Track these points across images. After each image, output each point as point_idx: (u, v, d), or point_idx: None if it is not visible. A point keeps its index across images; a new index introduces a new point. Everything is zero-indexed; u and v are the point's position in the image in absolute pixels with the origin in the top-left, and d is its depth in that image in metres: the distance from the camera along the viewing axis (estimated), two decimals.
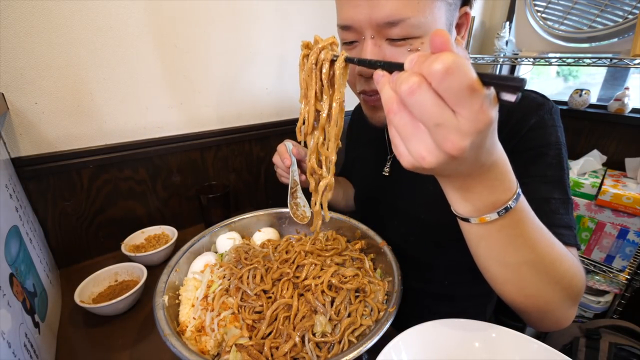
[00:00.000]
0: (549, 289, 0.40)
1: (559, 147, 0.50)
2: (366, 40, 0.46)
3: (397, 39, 0.45)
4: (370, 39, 0.46)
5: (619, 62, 1.06)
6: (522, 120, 0.50)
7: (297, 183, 0.70)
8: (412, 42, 0.45)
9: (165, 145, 0.91)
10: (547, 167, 0.49)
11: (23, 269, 0.53)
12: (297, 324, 0.47)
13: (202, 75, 0.93)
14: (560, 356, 0.38)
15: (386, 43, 0.46)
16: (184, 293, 0.56)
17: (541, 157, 0.50)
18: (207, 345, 0.47)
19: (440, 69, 0.24)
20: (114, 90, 0.80)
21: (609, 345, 0.87)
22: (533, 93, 0.54)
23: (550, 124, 0.51)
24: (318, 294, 0.51)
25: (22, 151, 0.72)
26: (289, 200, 0.68)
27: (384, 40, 0.46)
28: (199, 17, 0.88)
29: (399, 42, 0.45)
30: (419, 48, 0.45)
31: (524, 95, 0.52)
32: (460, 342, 0.43)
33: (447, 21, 0.46)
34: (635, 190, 1.10)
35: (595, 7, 1.09)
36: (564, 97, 1.44)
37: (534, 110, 0.51)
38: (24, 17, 0.66)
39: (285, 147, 0.69)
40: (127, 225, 0.86)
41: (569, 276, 0.41)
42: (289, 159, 0.68)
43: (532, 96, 0.53)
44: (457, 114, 0.25)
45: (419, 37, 0.44)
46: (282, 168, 0.70)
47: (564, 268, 0.40)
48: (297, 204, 0.70)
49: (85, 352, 0.58)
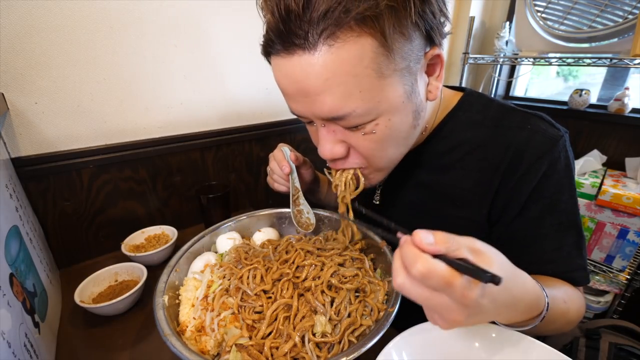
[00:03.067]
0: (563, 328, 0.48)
1: (572, 188, 0.50)
2: (319, 128, 0.46)
3: (349, 127, 0.43)
4: (322, 127, 0.45)
5: (619, 62, 1.06)
6: (535, 164, 0.47)
7: (299, 190, 0.69)
8: (364, 127, 0.43)
9: (165, 145, 0.91)
10: (563, 214, 0.49)
11: (23, 269, 0.53)
12: (297, 324, 0.47)
13: (202, 75, 0.93)
14: (560, 356, 0.38)
15: (340, 127, 0.44)
16: (184, 293, 0.56)
17: (557, 204, 0.49)
18: (207, 345, 0.47)
19: (418, 273, 0.28)
20: (114, 90, 0.80)
21: (609, 345, 0.87)
22: (542, 123, 0.49)
23: (564, 165, 0.48)
24: (318, 294, 0.51)
25: (22, 151, 0.72)
26: (292, 208, 0.67)
27: (337, 125, 0.44)
28: (199, 17, 0.88)
29: (352, 128, 0.43)
30: (374, 131, 0.43)
31: (534, 129, 0.49)
32: (460, 342, 0.43)
33: (404, 89, 0.42)
34: (635, 190, 1.10)
35: (595, 7, 1.09)
36: (564, 97, 1.44)
37: (548, 150, 0.47)
38: (24, 17, 0.66)
39: (282, 153, 0.66)
40: (127, 225, 0.86)
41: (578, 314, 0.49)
42: (288, 166, 0.65)
43: (542, 129, 0.49)
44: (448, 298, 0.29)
45: (373, 121, 0.42)
46: (280, 175, 0.66)
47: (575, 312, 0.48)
48: (300, 212, 0.69)
49: (85, 352, 0.58)
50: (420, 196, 0.58)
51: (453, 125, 0.54)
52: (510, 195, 0.49)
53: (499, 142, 0.50)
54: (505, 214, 0.51)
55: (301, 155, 0.69)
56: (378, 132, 0.43)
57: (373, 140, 0.44)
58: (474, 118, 0.53)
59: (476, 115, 0.53)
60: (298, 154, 0.68)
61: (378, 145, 0.45)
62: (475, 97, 0.55)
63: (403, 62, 0.39)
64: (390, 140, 0.45)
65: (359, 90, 0.39)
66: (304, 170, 0.71)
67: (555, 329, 0.47)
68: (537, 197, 0.48)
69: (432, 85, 0.46)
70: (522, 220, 0.50)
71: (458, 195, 0.54)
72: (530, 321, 0.40)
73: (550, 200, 0.49)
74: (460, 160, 0.53)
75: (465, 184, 0.53)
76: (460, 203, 0.53)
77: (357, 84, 0.38)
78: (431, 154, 0.56)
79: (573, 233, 0.50)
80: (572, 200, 0.50)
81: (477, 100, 0.55)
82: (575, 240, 0.50)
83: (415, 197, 0.59)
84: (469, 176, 0.52)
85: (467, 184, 0.52)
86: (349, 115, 0.40)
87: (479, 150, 0.51)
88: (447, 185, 0.54)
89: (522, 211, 0.50)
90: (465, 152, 0.53)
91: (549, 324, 0.43)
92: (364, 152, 0.46)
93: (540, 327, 0.41)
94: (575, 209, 0.50)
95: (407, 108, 0.43)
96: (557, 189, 0.48)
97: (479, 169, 0.51)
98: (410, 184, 0.59)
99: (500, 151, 0.49)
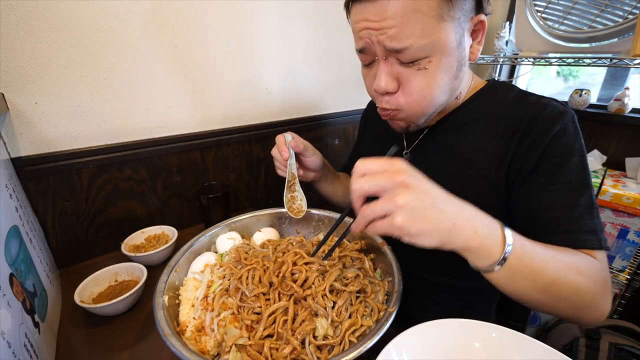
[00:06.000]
0: (577, 298, 0.45)
1: (582, 153, 0.52)
2: (379, 62, 0.52)
3: (406, 62, 0.50)
4: (383, 60, 0.51)
5: (619, 62, 1.06)
6: (547, 127, 0.52)
7: (295, 176, 0.70)
8: (420, 62, 0.49)
9: (165, 145, 0.91)
10: (572, 174, 0.51)
11: (23, 269, 0.53)
12: (296, 328, 0.47)
13: (202, 76, 0.93)
14: (560, 356, 0.38)
15: (397, 63, 0.51)
16: (184, 293, 0.56)
17: (566, 164, 0.51)
18: (207, 345, 0.47)
19: (359, 167, 0.41)
20: (114, 90, 0.80)
21: (609, 345, 0.88)
22: (554, 101, 0.56)
23: (573, 132, 0.53)
24: (319, 298, 0.50)
25: (22, 151, 0.72)
26: (285, 193, 0.68)
27: (396, 60, 0.50)
28: (199, 17, 0.88)
29: (408, 64, 0.50)
30: (427, 67, 0.50)
31: (547, 103, 0.55)
32: (460, 342, 0.43)
33: (455, 36, 0.49)
34: (635, 190, 1.10)
35: (595, 7, 1.08)
36: (564, 97, 1.44)
37: (557, 118, 0.53)
38: (24, 17, 0.66)
39: (284, 138, 0.69)
40: (127, 225, 0.86)
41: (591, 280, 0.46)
42: (287, 151, 0.67)
43: (553, 104, 0.55)
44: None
45: (427, 57, 0.49)
46: (280, 161, 0.70)
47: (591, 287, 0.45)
48: (293, 197, 0.69)
49: (85, 352, 0.58)
50: (443, 159, 0.63)
51: (479, 102, 0.62)
52: (524, 156, 0.54)
53: (517, 114, 0.56)
54: (520, 174, 0.55)
55: (307, 142, 0.72)
56: (429, 68, 0.50)
57: (424, 76, 0.51)
58: (498, 98, 0.61)
59: (500, 96, 0.61)
60: (301, 141, 0.70)
61: (426, 82, 0.51)
62: (499, 83, 0.64)
63: (458, 12, 0.48)
64: (438, 78, 0.52)
65: (421, 28, 0.46)
66: (308, 157, 0.73)
67: (569, 305, 0.46)
68: (547, 156, 0.52)
69: (474, 48, 0.54)
70: (533, 179, 0.53)
71: (480, 158, 0.59)
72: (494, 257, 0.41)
73: (559, 160, 0.52)
74: (483, 128, 0.59)
75: (487, 147, 0.58)
76: (481, 165, 0.59)
77: (421, 22, 0.46)
78: (458, 121, 0.62)
79: (584, 195, 0.51)
80: (582, 165, 0.52)
81: (501, 85, 0.63)
82: (587, 203, 0.50)
83: (439, 160, 0.63)
84: (490, 141, 0.58)
85: (488, 148, 0.58)
86: (409, 48, 0.47)
87: (500, 122, 0.58)
88: (470, 149, 0.60)
89: (534, 170, 0.53)
90: (489, 122, 0.59)
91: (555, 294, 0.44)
92: (413, 87, 0.52)
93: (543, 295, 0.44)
94: (586, 173, 0.52)
95: (454, 54, 0.51)
96: (566, 150, 0.52)
97: (500, 135, 0.57)
98: (435, 147, 0.65)
99: (517, 121, 0.56)
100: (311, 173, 0.77)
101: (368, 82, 0.58)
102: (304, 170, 0.75)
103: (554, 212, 0.51)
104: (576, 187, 0.51)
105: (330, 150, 1.32)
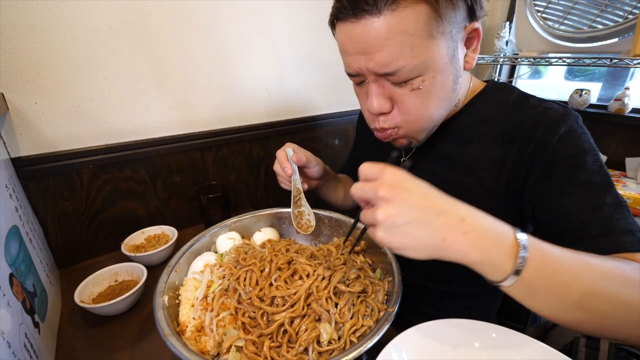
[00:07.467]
0: (624, 312, 0.36)
1: (595, 152, 0.49)
2: (370, 84, 0.50)
3: (398, 82, 0.48)
4: (373, 82, 0.50)
5: (619, 62, 1.06)
6: (550, 130, 0.50)
7: (301, 191, 0.69)
8: (413, 82, 0.48)
9: (165, 145, 0.91)
10: (590, 173, 0.48)
11: (23, 269, 0.53)
12: (300, 337, 0.46)
13: (202, 76, 0.93)
14: (560, 356, 0.38)
15: (389, 83, 0.49)
16: (183, 293, 0.56)
17: (580, 164, 0.48)
18: (206, 346, 0.47)
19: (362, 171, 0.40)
20: (113, 90, 0.80)
21: (609, 345, 0.87)
22: (555, 104, 0.54)
23: (580, 132, 0.50)
24: (323, 301, 0.49)
25: (22, 151, 0.72)
26: (292, 209, 0.67)
27: (387, 81, 0.49)
28: (199, 17, 0.88)
29: (401, 84, 0.49)
30: (420, 87, 0.48)
31: (548, 106, 0.53)
32: (460, 342, 0.43)
33: (447, 51, 0.47)
34: (635, 190, 1.10)
35: (595, 7, 1.08)
36: (564, 97, 1.44)
37: (561, 120, 0.50)
38: (24, 17, 0.66)
39: (285, 154, 0.67)
40: (127, 225, 0.86)
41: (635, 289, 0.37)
42: (290, 167, 0.66)
43: (554, 107, 0.53)
44: None
45: (419, 76, 0.47)
46: (284, 177, 0.69)
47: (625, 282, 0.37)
48: (301, 213, 0.69)
49: (85, 352, 0.58)
50: (443, 167, 0.62)
51: (479, 106, 0.60)
52: (529, 161, 0.52)
53: (517, 119, 0.55)
54: (526, 181, 0.53)
55: (308, 153, 0.70)
56: (423, 88, 0.48)
57: (418, 96, 0.49)
58: (497, 100, 0.59)
59: (500, 98, 0.59)
60: (302, 153, 0.69)
61: (422, 101, 0.50)
62: (499, 85, 0.62)
63: (449, 27, 0.45)
64: (433, 97, 0.50)
65: (411, 48, 0.44)
66: (310, 168, 0.72)
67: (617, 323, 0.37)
68: (557, 159, 0.49)
69: (469, 57, 0.52)
70: (548, 185, 0.50)
71: (479, 166, 0.57)
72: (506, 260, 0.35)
73: (572, 161, 0.49)
74: (482, 134, 0.58)
75: (486, 154, 0.57)
76: (480, 173, 0.57)
77: (410, 43, 0.44)
78: (457, 128, 0.61)
79: (608, 194, 0.46)
80: (599, 163, 0.48)
81: (501, 87, 0.61)
82: (614, 202, 0.46)
83: (438, 168, 0.62)
84: (489, 148, 0.57)
85: (488, 155, 0.57)
86: (400, 70, 0.46)
87: (500, 126, 0.56)
88: (469, 156, 0.59)
89: (545, 176, 0.50)
90: (488, 127, 0.57)
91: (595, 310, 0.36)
92: (409, 107, 0.51)
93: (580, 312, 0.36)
94: (604, 172, 0.48)
95: (448, 70, 0.49)
96: (577, 152, 0.49)
97: (500, 140, 0.56)
98: (435, 155, 0.63)
99: (517, 126, 0.54)
100: (314, 182, 0.75)
101: (362, 101, 0.57)
102: (307, 180, 0.73)
103: (580, 215, 0.46)
104: (598, 187, 0.47)
105: (330, 150, 1.32)
